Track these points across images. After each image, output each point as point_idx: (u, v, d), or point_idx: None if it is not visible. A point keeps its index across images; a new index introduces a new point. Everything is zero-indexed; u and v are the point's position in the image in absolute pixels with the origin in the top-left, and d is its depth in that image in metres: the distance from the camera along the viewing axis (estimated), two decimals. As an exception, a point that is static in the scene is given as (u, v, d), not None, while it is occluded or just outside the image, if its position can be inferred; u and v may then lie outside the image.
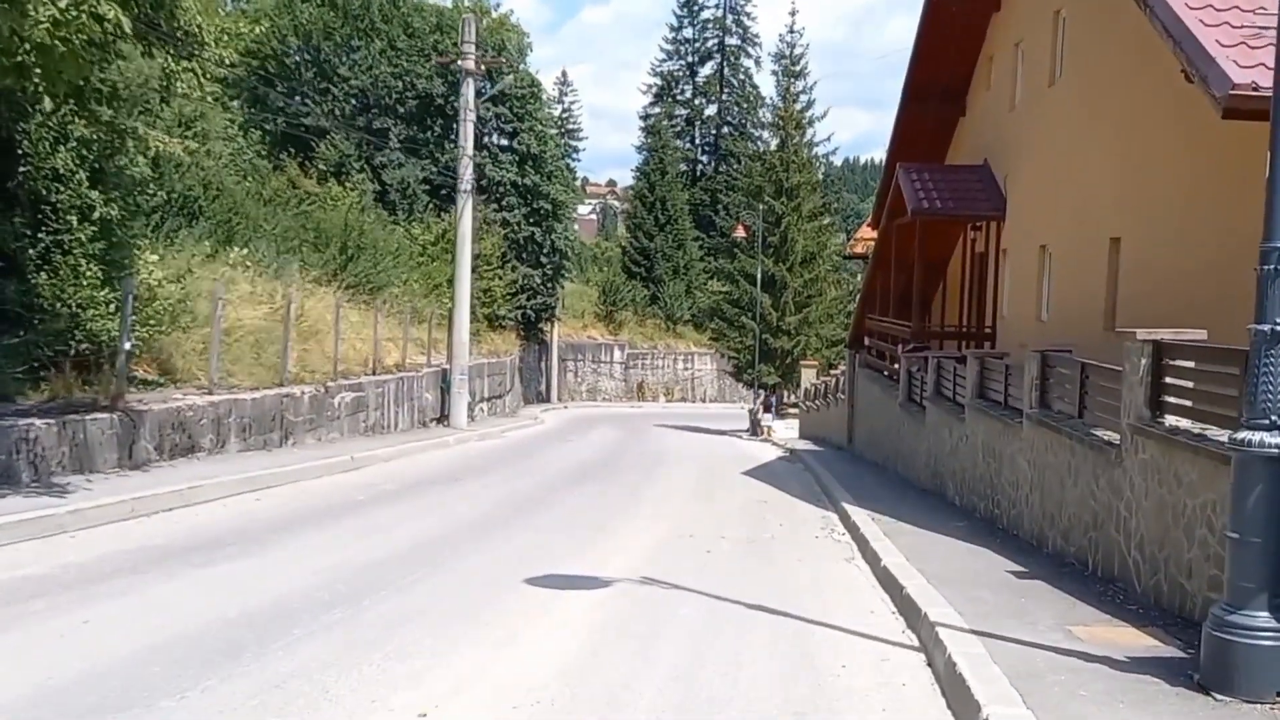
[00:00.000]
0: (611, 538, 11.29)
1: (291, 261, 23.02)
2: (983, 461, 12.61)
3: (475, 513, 12.57)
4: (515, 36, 46.98)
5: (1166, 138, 11.73)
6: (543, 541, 10.71)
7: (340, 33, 44.36)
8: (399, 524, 11.24)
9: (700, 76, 67.57)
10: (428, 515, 12.11)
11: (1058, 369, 10.37)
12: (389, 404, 21.88)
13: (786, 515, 13.85)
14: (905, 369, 17.97)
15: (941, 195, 18.65)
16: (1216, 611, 5.39)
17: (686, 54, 67.20)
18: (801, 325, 40.70)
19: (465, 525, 11.53)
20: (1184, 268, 10.94)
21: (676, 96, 67.27)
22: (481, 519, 12.09)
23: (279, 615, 6.80)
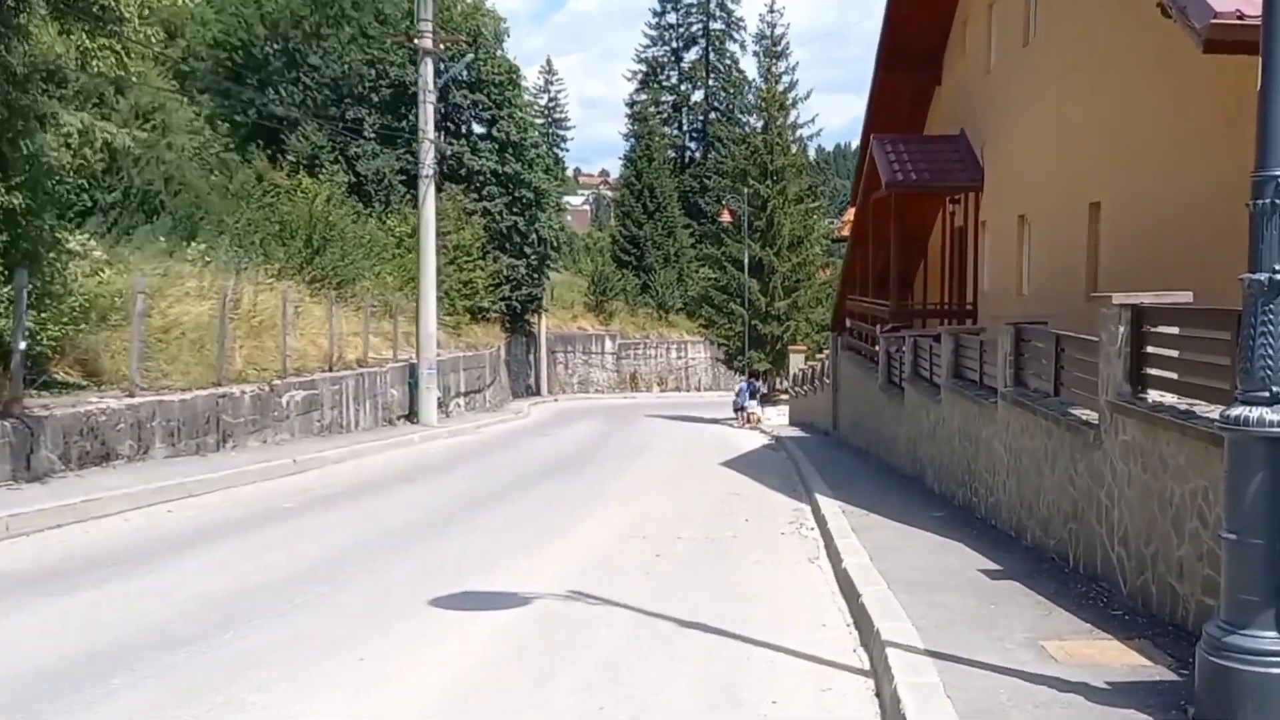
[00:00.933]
0: (555, 542, 10.26)
1: (247, 255, 21.96)
2: (959, 446, 11.55)
3: (412, 518, 11.50)
4: (492, 22, 45.74)
5: (1147, 92, 10.66)
6: (477, 549, 9.68)
7: (309, 20, 42.88)
8: (319, 535, 10.15)
9: (685, 62, 66.30)
10: (356, 523, 11.03)
11: (1033, 343, 9.29)
12: (348, 402, 20.77)
13: (756, 509, 12.80)
14: (884, 350, 16.90)
15: (917, 166, 17.56)
16: (1212, 630, 4.32)
17: (671, 39, 65.96)
18: (791, 310, 39.59)
19: (394, 533, 10.46)
20: (1169, 232, 9.87)
21: (662, 83, 66.02)
22: (417, 525, 11.03)
23: (113, 656, 5.74)
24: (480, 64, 44.02)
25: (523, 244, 44.75)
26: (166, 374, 15.42)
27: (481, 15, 45.09)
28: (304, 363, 20.01)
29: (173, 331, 16.52)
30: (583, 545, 10.10)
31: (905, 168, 17.46)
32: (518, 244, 44.50)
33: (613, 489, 14.68)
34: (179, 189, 22.76)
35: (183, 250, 19.58)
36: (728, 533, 10.91)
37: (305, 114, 40.62)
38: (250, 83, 40.67)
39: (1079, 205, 12.43)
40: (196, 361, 16.17)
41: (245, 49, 42.32)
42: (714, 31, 65.65)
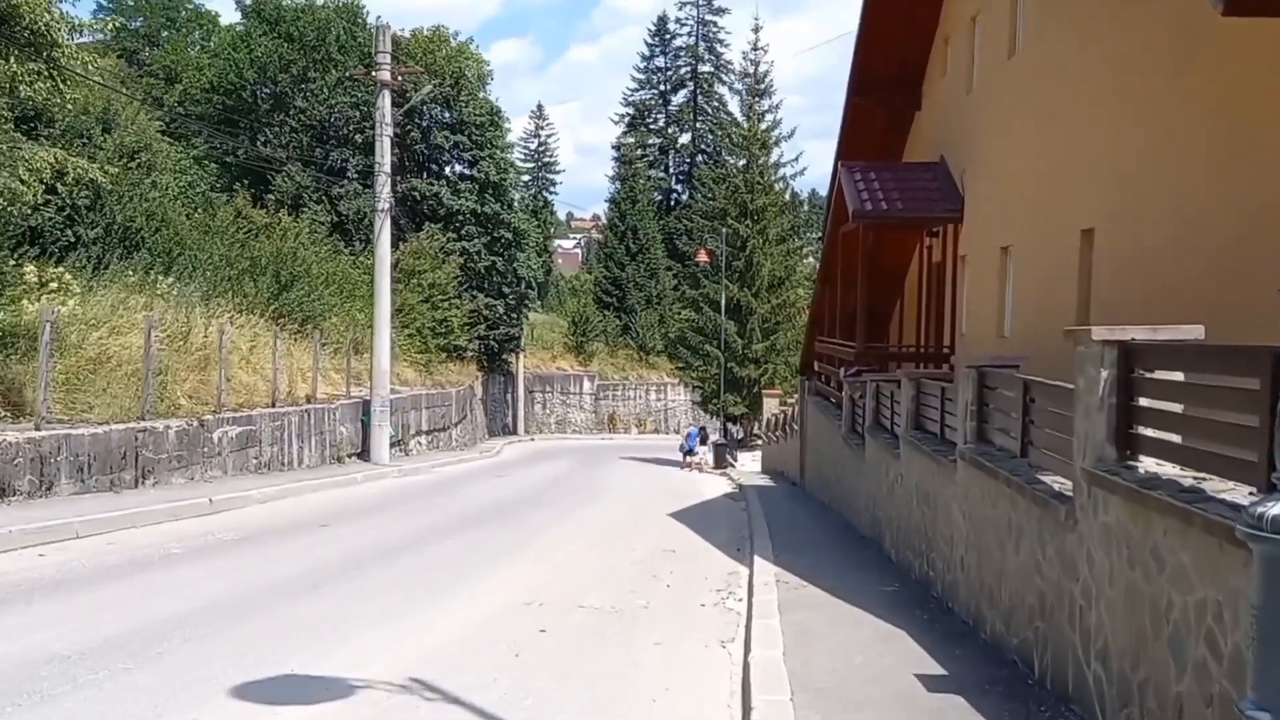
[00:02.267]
0: (437, 606, 8.57)
1: (216, 290, 21.45)
2: (917, 508, 9.81)
3: (296, 570, 9.79)
4: (475, 65, 44.79)
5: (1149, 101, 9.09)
6: (339, 614, 8.09)
7: (297, 65, 42.13)
8: (177, 589, 8.61)
9: (673, 105, 65.21)
10: (231, 575, 9.40)
11: (999, 390, 7.60)
12: (290, 438, 19.04)
13: (686, 571, 11.04)
14: (848, 396, 15.21)
15: (889, 196, 15.97)
16: None
17: (659, 83, 64.92)
18: (769, 353, 37.88)
19: (263, 589, 8.77)
20: (1175, 260, 8.24)
21: (649, 125, 64.89)
22: (295, 580, 9.32)
23: None
24: (462, 106, 42.99)
25: (501, 284, 43.37)
26: (93, 406, 14.27)
27: (465, 58, 44.22)
28: (250, 397, 18.47)
29: (108, 363, 15.24)
30: (465, 613, 8.44)
31: (876, 198, 15.87)
32: (496, 283, 43.13)
33: (538, 541, 12.92)
34: (159, 225, 22.40)
35: (152, 284, 19.02)
36: (640, 601, 9.17)
37: (291, 155, 39.76)
38: (241, 125, 39.87)
39: (1069, 233, 10.83)
40: (129, 394, 14.79)
41: (236, 92, 41.74)
42: (702, 75, 64.65)
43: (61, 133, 20.41)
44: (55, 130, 20.23)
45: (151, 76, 46.49)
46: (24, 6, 13.77)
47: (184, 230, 23.81)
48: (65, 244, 19.12)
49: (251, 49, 42.22)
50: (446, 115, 43.80)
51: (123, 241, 20.98)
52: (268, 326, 21.83)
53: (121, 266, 19.45)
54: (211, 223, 27.05)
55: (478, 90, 44.44)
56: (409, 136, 42.26)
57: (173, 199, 25.64)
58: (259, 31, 42.87)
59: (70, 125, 20.92)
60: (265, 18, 43.32)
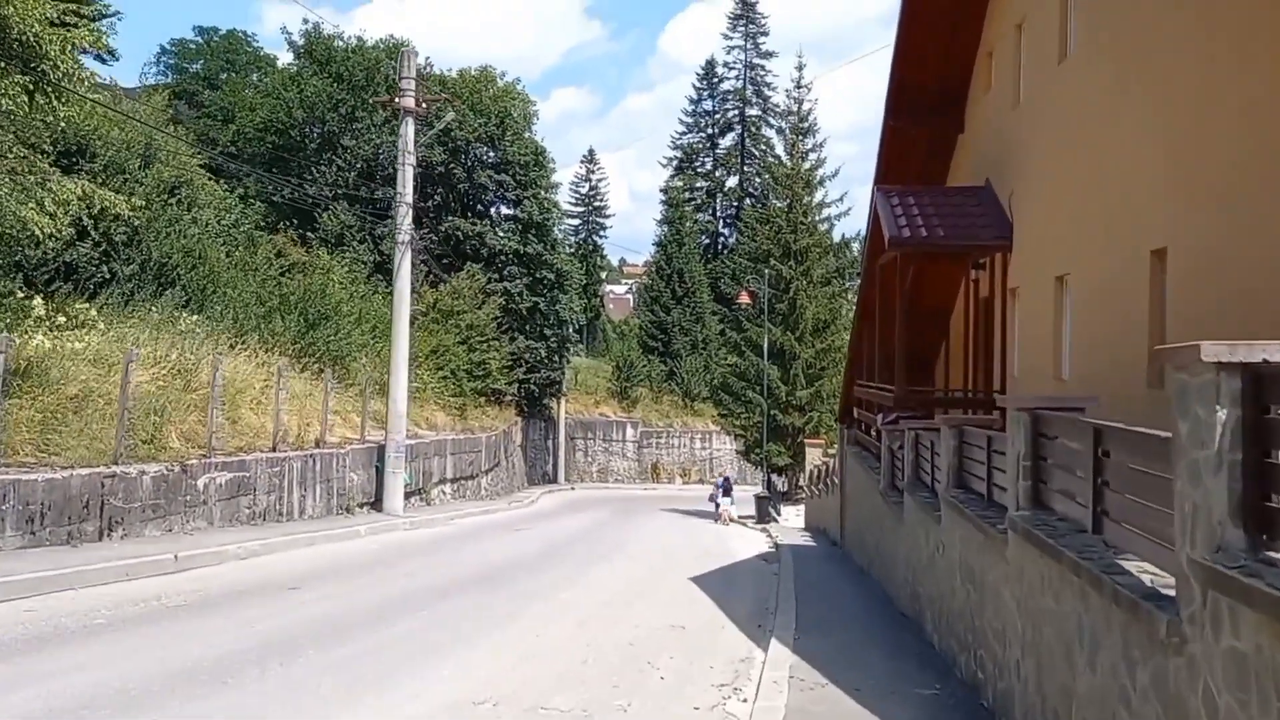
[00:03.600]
0: (355, 711, 6.83)
1: (243, 328, 20.79)
2: (961, 587, 7.91)
3: (220, 652, 8.10)
4: (520, 104, 43.98)
5: (1230, 92, 7.26)
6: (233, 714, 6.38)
7: (346, 104, 41.79)
8: (48, 678, 6.96)
9: (721, 148, 63.88)
10: (135, 657, 7.77)
11: (1060, 441, 5.76)
12: (290, 486, 17.55)
13: (690, 656, 9.21)
14: (886, 447, 13.31)
15: (929, 222, 14.15)
16: None
17: (706, 126, 63.70)
18: (813, 399, 35.82)
19: (155, 681, 7.11)
20: (1269, 281, 6.37)
21: (697, 169, 63.59)
22: (211, 665, 7.66)
23: None
24: (507, 145, 42.17)
25: (543, 325, 42.08)
26: (70, 448, 12.89)
27: (511, 98, 43.43)
28: (255, 440, 17.15)
29: (96, 402, 13.94)
30: (394, 717, 6.70)
31: (914, 224, 14.06)
32: (538, 325, 41.85)
33: (527, 613, 11.15)
34: (196, 263, 22.00)
35: (174, 321, 18.34)
36: (620, 701, 7.40)
37: (335, 194, 39.25)
38: (291, 164, 39.54)
39: (1136, 255, 8.98)
40: (110, 436, 13.51)
41: (285, 131, 41.57)
42: (750, 118, 63.32)
43: (103, 168, 20.21)
44: (96, 166, 20.04)
45: (209, 118, 46.55)
46: (13, 17, 12.95)
47: (220, 267, 23.27)
48: (100, 280, 18.77)
49: (301, 89, 42.04)
50: (491, 155, 42.98)
51: (157, 278, 20.62)
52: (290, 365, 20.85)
53: (152, 304, 18.90)
54: (249, 260, 26.29)
55: (523, 130, 43.62)
56: (453, 175, 41.49)
57: (213, 236, 25.25)
58: (309, 72, 42.67)
59: (111, 161, 20.73)
60: (316, 58, 43.13)
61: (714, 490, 31.72)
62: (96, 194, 17.69)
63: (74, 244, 18.31)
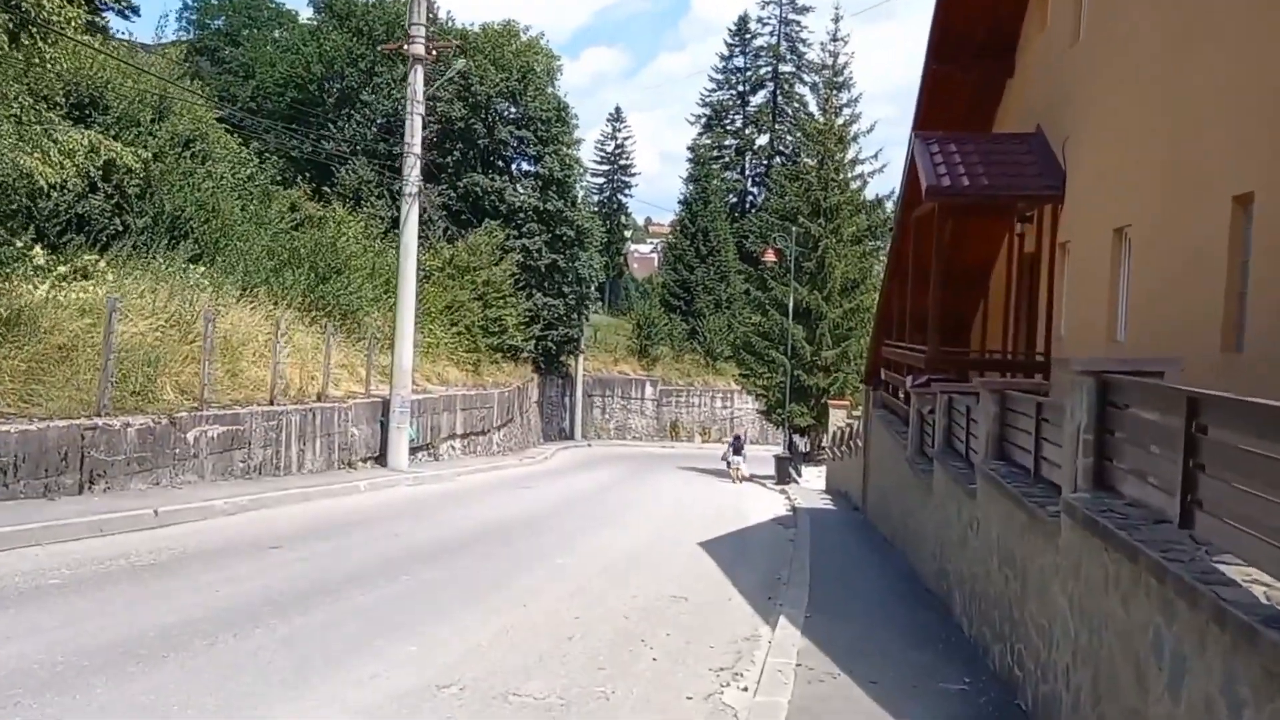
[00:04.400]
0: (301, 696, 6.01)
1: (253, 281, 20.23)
2: (999, 571, 6.91)
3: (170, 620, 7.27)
4: (544, 59, 42.68)
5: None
6: (149, 705, 5.52)
7: (365, 59, 40.69)
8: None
9: (751, 106, 62.03)
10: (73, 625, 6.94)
11: (1134, 411, 4.72)
12: (288, 440, 16.77)
13: (689, 634, 8.30)
14: (915, 411, 12.26)
15: (972, 170, 12.98)
16: None
17: (737, 83, 61.85)
18: (839, 360, 34.67)
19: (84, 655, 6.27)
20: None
21: (726, 126, 61.85)
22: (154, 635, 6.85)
23: None
24: (529, 101, 40.95)
25: (562, 283, 41.08)
26: (55, 399, 12.18)
27: (534, 53, 42.15)
28: (254, 393, 16.37)
29: (79, 351, 13.20)
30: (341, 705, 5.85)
31: (955, 172, 12.89)
32: (556, 283, 40.86)
33: (517, 582, 10.25)
34: (210, 216, 21.48)
35: (183, 273, 17.72)
36: (603, 688, 6.52)
37: (355, 149, 38.31)
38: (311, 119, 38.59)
39: (1213, 202, 7.86)
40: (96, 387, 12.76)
41: (304, 87, 40.65)
42: (783, 75, 61.40)
43: (116, 120, 19.83)
44: (109, 118, 19.66)
45: (230, 74, 45.62)
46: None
47: (233, 221, 22.62)
48: (113, 232, 18.37)
49: (321, 44, 41.04)
50: (512, 110, 41.78)
51: (170, 231, 20.14)
52: (299, 319, 20.15)
53: (164, 256, 18.29)
54: (262, 214, 25.55)
55: (545, 85, 42.36)
56: (473, 131, 40.39)
57: (227, 190, 24.50)
58: (329, 27, 41.61)
59: (125, 113, 20.32)
60: (336, 12, 42.07)
61: (726, 449, 31.98)
62: (103, 145, 17.37)
63: (86, 196, 17.94)
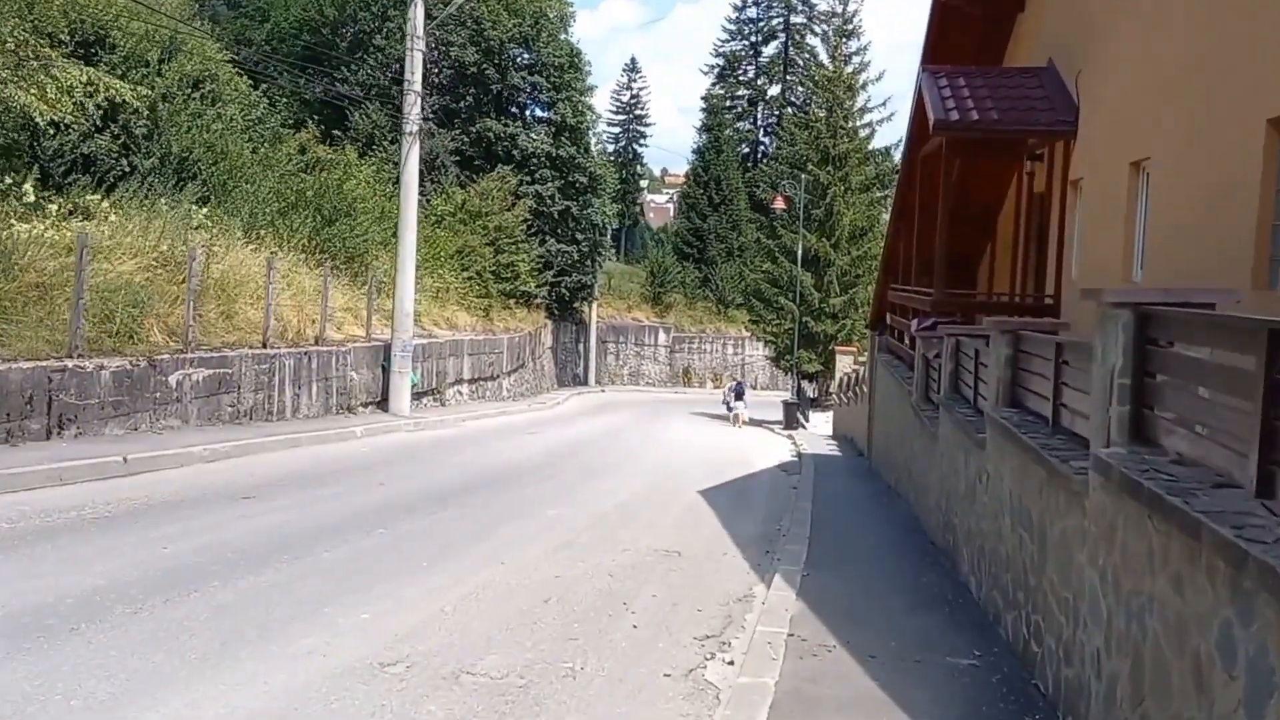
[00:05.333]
0: (222, 674, 5.15)
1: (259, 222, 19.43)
2: (1012, 532, 5.97)
3: (99, 583, 6.44)
4: (556, 5, 41.04)
5: None
6: (44, 692, 4.69)
7: (378, 3, 39.24)
8: None
9: (764, 56, 60.07)
10: None
11: (1179, 350, 3.72)
12: (282, 384, 15.93)
13: (677, 597, 7.43)
14: (920, 355, 11.26)
15: (981, 105, 11.81)
16: None
17: (750, 34, 59.81)
18: (847, 307, 33.59)
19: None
20: None
21: (739, 77, 59.96)
22: (84, 598, 6.03)
23: None
24: (541, 46, 39.49)
25: (575, 229, 39.91)
26: (26, 339, 11.40)
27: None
28: (247, 335, 15.56)
29: (64, 290, 12.37)
30: (265, 684, 5.02)
31: (964, 106, 11.74)
32: (570, 229, 39.69)
33: (503, 531, 9.43)
34: (218, 158, 20.57)
35: (187, 214, 16.86)
36: (571, 663, 5.66)
37: (368, 93, 37.03)
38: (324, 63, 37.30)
39: (1246, 126, 6.74)
40: (89, 325, 12.11)
41: (317, 30, 39.32)
42: (794, 25, 59.33)
43: (123, 59, 18.96)
44: (115, 57, 18.80)
45: (246, 18, 44.28)
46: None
47: (240, 163, 21.63)
48: (120, 173, 17.58)
49: (333, -15, 39.60)
50: (525, 56, 40.32)
51: (178, 172, 19.24)
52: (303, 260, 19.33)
53: (171, 197, 17.42)
54: (270, 156, 24.59)
55: (558, 32, 40.86)
56: (486, 76, 38.99)
57: (237, 132, 23.53)
58: (343, -32, 40.13)
59: (132, 52, 19.38)
60: (349, -47, 40.51)
61: (726, 394, 31.64)
62: (103, 82, 16.36)
63: (92, 136, 17.09)
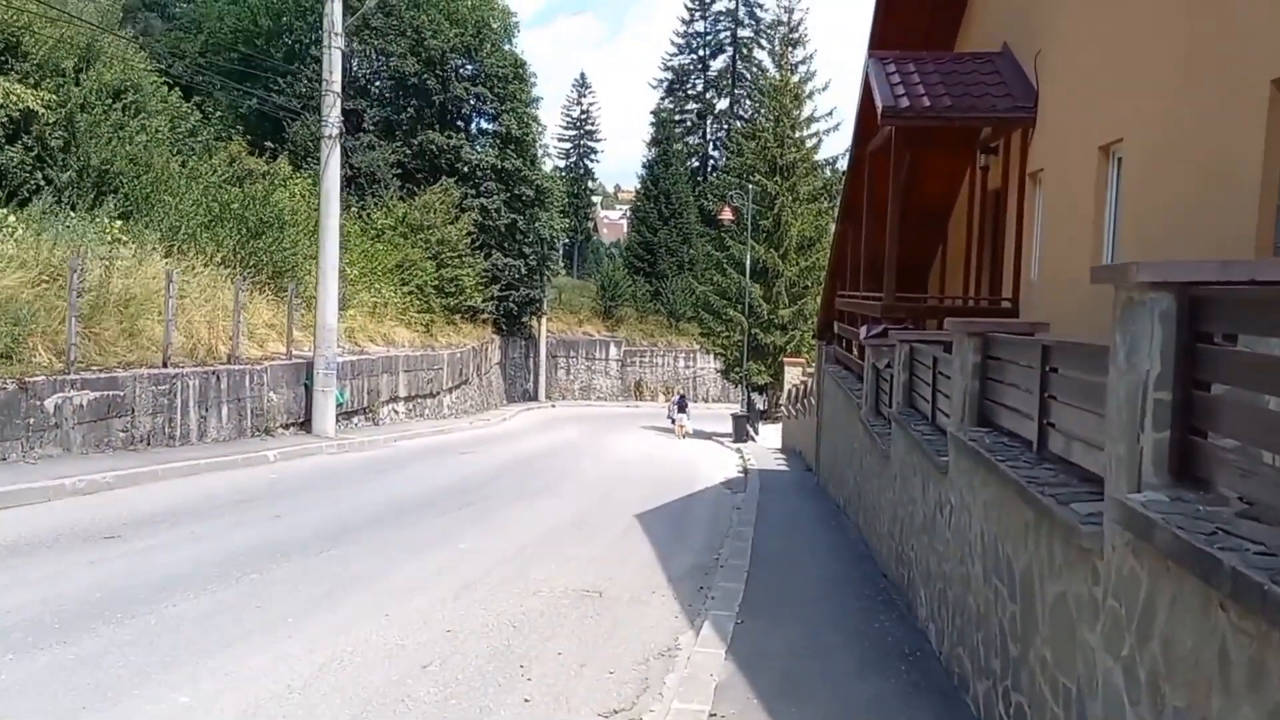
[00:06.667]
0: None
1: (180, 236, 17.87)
2: (984, 583, 4.66)
3: None
4: (500, 15, 39.74)
5: None
6: None
7: (314, 12, 37.52)
8: None
9: (712, 70, 59.17)
10: None
11: (1244, 351, 2.42)
12: (185, 406, 14.29)
13: (587, 654, 6.07)
14: (870, 365, 10.02)
15: (932, 91, 10.65)
16: None
17: (698, 47, 58.90)
18: (796, 318, 32.50)
19: None
20: None
21: (688, 91, 58.99)
22: None
23: None
24: (484, 57, 38.12)
25: (522, 243, 38.44)
26: None
27: (489, 8, 39.13)
28: (147, 354, 13.92)
29: None
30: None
31: (915, 92, 10.57)
32: (517, 243, 38.22)
33: (399, 572, 7.97)
34: (142, 170, 19.13)
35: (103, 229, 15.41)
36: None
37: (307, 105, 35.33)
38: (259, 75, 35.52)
39: (1244, 92, 5.57)
40: None
41: (251, 40, 37.53)
42: (742, 39, 58.54)
43: (35, 67, 17.60)
44: (27, 65, 17.43)
45: (181, 30, 42.30)
46: None
47: (166, 175, 20.12)
48: (35, 186, 16.34)
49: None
50: (468, 66, 38.90)
51: (97, 185, 17.85)
52: (228, 276, 17.66)
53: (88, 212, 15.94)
54: (196, 169, 22.94)
55: (502, 42, 39.51)
56: (427, 87, 37.48)
57: (163, 144, 22.03)
58: (276, -22, 38.40)
59: (45, 60, 17.97)
60: (282, -36, 38.80)
61: (669, 407, 31.44)
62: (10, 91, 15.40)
63: (2, 148, 15.91)
